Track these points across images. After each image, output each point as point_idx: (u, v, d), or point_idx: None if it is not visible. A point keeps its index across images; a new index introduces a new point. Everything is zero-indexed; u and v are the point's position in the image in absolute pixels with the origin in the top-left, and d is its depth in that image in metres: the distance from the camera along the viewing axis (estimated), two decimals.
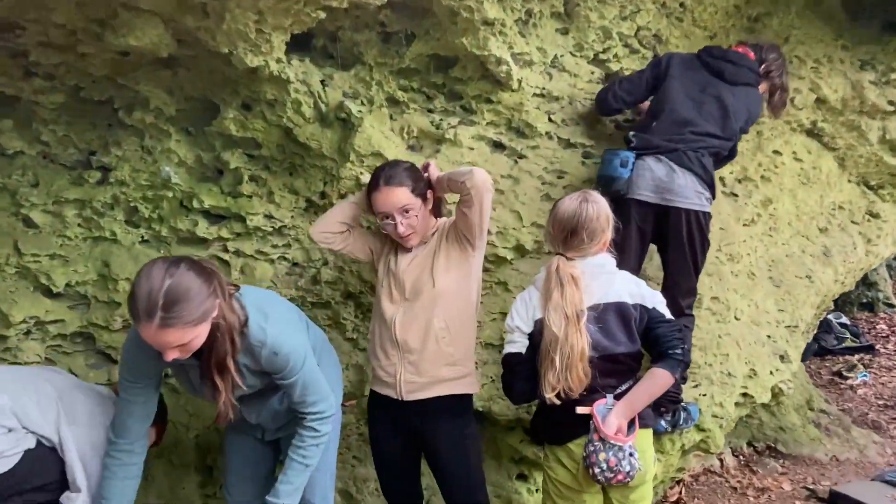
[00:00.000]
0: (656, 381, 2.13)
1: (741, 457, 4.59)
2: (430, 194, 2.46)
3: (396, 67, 2.96)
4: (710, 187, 2.86)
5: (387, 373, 2.39)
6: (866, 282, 7.95)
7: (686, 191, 2.79)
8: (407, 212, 2.36)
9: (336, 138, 2.89)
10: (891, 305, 7.88)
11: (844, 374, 6.20)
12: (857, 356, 6.60)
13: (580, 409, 2.14)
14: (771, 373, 3.38)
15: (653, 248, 3.03)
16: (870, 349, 6.74)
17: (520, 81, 3.04)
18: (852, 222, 4.12)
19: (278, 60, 2.64)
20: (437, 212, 2.65)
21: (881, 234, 4.19)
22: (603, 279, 2.24)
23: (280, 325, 2.04)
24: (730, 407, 3.23)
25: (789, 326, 3.67)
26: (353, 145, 2.83)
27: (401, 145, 2.99)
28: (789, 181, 3.89)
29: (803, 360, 6.43)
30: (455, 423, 2.39)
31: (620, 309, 2.20)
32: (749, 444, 4.73)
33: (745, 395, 3.31)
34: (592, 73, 3.29)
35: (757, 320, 3.49)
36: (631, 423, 2.12)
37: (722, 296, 3.35)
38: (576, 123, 3.21)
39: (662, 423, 2.91)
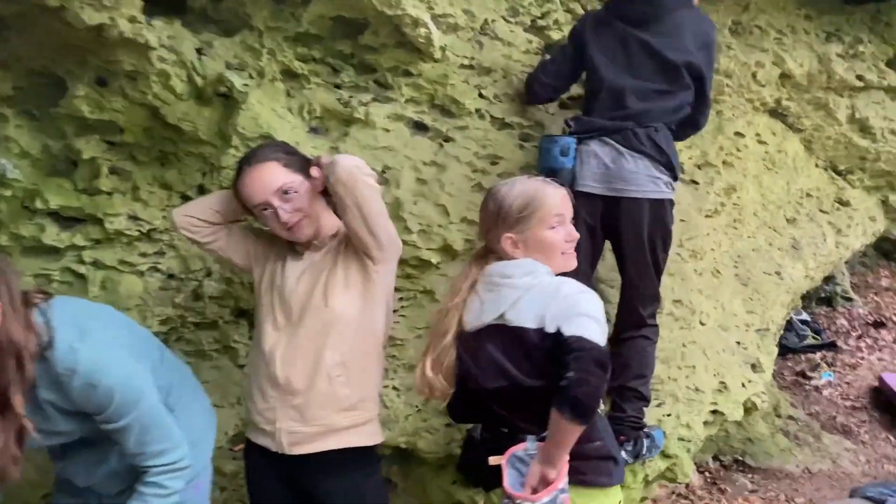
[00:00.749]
0: (554, 427, 1.54)
1: (707, 473, 4.17)
2: (317, 172, 1.86)
3: (293, 33, 2.43)
4: (670, 169, 2.39)
5: (264, 419, 1.83)
6: (825, 275, 7.68)
7: (637, 177, 2.33)
8: (286, 192, 1.80)
9: (216, 118, 2.34)
10: (849, 299, 7.62)
11: (808, 374, 5.87)
12: (819, 354, 6.28)
13: (492, 460, 1.64)
14: (743, 385, 2.94)
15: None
16: (832, 346, 6.43)
17: (443, 50, 2.55)
18: (821, 211, 3.74)
19: (132, 20, 2.07)
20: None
21: (851, 223, 3.82)
22: (503, 293, 1.72)
23: (101, 348, 1.48)
24: (698, 427, 2.78)
25: (760, 330, 3.24)
26: (236, 126, 2.28)
27: (299, 126, 2.45)
28: (753, 166, 3.48)
29: None
30: (353, 478, 1.84)
31: (515, 333, 1.68)
32: (715, 457, 4.32)
33: (714, 412, 2.86)
34: (530, 42, 2.81)
35: (725, 324, 3.05)
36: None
37: (685, 298, 2.90)
38: (511, 100, 2.72)
39: (622, 453, 2.43)
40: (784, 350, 6.41)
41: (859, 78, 3.60)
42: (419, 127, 2.58)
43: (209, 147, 2.32)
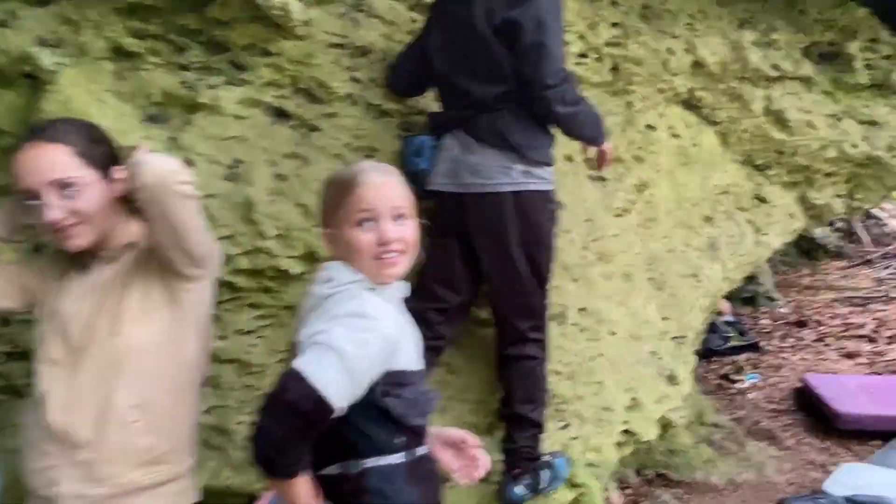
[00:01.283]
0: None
1: (629, 490, 3.91)
2: (118, 173, 1.46)
3: (123, 3, 2.04)
4: (526, 159, 2.04)
5: (42, 481, 1.41)
6: (748, 275, 7.63)
7: (486, 169, 2.02)
8: (67, 187, 1.39)
9: (20, 104, 1.93)
10: (772, 299, 7.58)
11: (732, 377, 5.72)
12: (743, 356, 6.16)
13: None
14: (657, 400, 2.67)
15: None
16: (755, 347, 6.33)
17: (307, 25, 2.20)
18: (739, 209, 3.53)
19: None
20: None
21: (770, 221, 3.63)
22: (306, 302, 1.42)
23: None
24: (609, 451, 2.49)
25: (676, 338, 2.99)
26: (41, 112, 1.87)
27: (130, 114, 2.05)
28: (666, 161, 3.24)
29: None
30: None
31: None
32: (638, 472, 4.06)
33: (626, 431, 2.57)
34: (414, 21, 2.47)
35: (637, 333, 2.78)
36: None
37: (592, 306, 2.60)
38: None
39: (516, 490, 2.11)
40: (708, 353, 6.28)
41: (774, 67, 3.41)
42: (279, 114, 2.21)
43: (8, 138, 1.90)
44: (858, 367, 5.81)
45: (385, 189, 1.36)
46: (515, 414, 2.09)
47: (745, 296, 7.61)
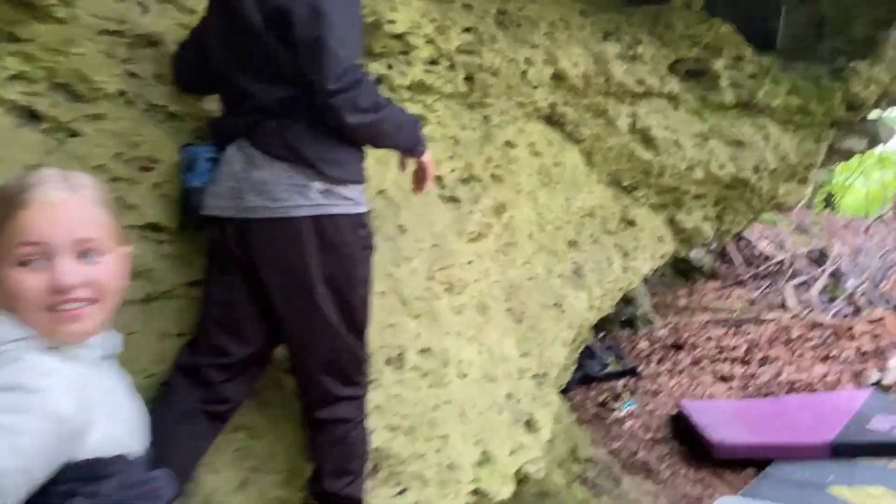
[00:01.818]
0: None
1: None
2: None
3: None
4: (326, 176, 1.64)
5: None
6: (626, 298, 7.59)
7: (276, 188, 1.60)
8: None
9: None
10: (650, 321, 7.57)
11: (610, 404, 5.56)
12: (622, 382, 6.03)
13: None
14: (513, 452, 2.34)
15: None
16: (634, 372, 6.22)
17: (69, 5, 1.75)
18: (606, 232, 3.31)
19: None
20: None
21: (639, 245, 3.43)
22: None
23: None
24: None
25: (537, 376, 2.68)
26: None
27: None
28: (528, 181, 2.96)
29: (564, 392, 5.72)
30: None
31: None
32: None
33: (476, 491, 2.21)
34: None
35: (492, 373, 2.45)
36: None
37: (437, 345, 2.25)
38: None
39: None
40: (587, 379, 6.12)
41: (640, 82, 3.23)
42: (28, 115, 1.73)
43: None
44: (732, 391, 5.79)
45: (62, 212, 0.95)
46: (326, 492, 1.69)
47: (623, 319, 7.57)
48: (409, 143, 1.81)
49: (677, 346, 6.79)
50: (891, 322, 6.50)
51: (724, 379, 5.96)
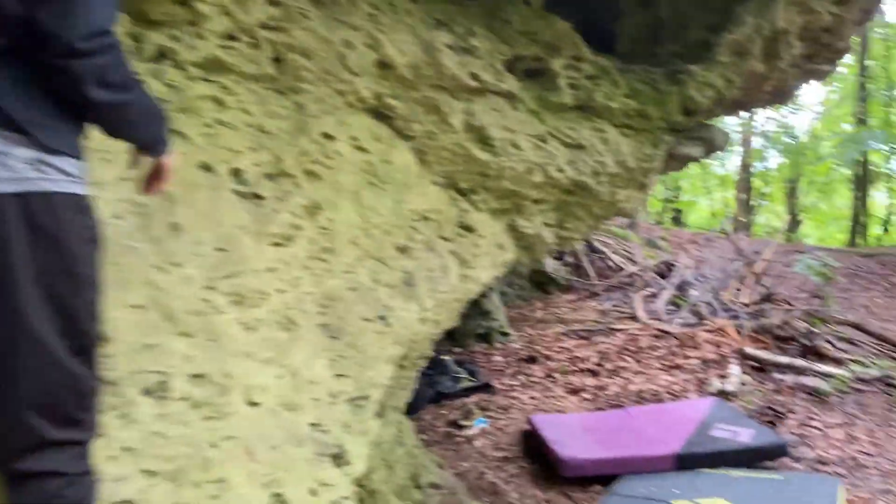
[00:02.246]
0: None
1: None
2: None
3: None
4: (38, 143, 1.24)
5: None
6: (481, 311, 7.44)
7: None
8: None
9: None
10: (505, 334, 7.45)
11: (460, 422, 5.31)
12: (474, 398, 5.81)
13: None
14: (314, 491, 1.97)
15: None
16: (487, 387, 6.03)
17: None
18: (441, 238, 3.03)
19: None
20: None
21: (478, 252, 3.19)
22: None
23: None
24: None
25: (354, 399, 2.34)
26: None
27: None
28: (351, 180, 2.63)
29: (414, 412, 5.42)
30: None
31: None
32: None
33: None
34: None
35: (293, 401, 2.07)
36: None
37: (216, 369, 1.85)
38: None
39: None
40: (439, 396, 5.87)
41: (474, 77, 2.99)
42: None
43: None
44: (583, 403, 5.72)
45: None
46: None
47: (479, 332, 7.41)
48: (152, 138, 1.45)
49: (531, 359, 6.69)
50: (731, 330, 6.72)
51: (575, 391, 5.89)
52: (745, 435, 4.47)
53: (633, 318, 7.86)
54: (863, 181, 22.01)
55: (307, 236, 2.42)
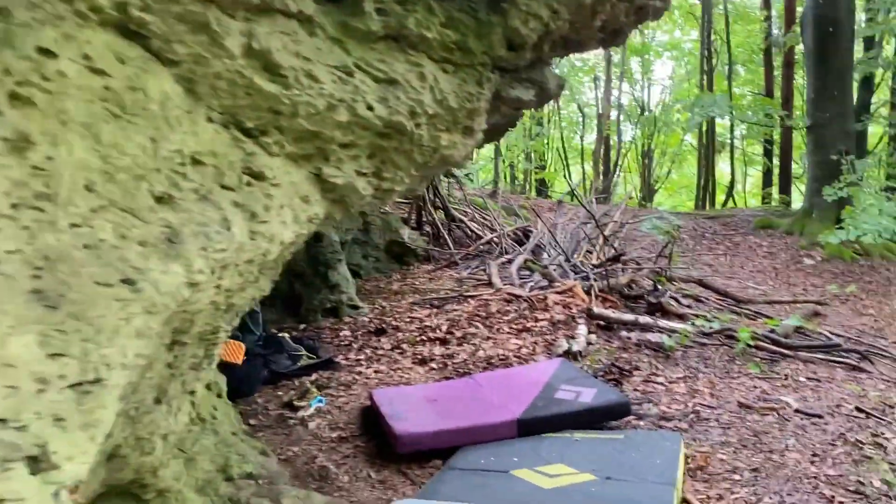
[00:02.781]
0: None
1: None
2: None
3: None
4: None
5: None
6: (329, 285, 6.96)
7: None
8: None
9: None
10: (355, 307, 7.02)
11: (295, 403, 4.85)
12: (315, 376, 5.35)
13: None
14: None
15: None
16: (330, 363, 5.59)
17: None
18: (221, 186, 2.53)
19: None
20: None
21: (271, 205, 2.71)
22: None
23: None
24: None
25: (77, 385, 1.82)
26: None
27: None
28: (82, 109, 2.07)
29: (247, 395, 4.91)
30: None
31: None
32: None
33: None
34: None
35: None
36: None
37: None
38: None
39: None
40: (276, 377, 5.37)
41: None
42: None
43: None
44: (431, 374, 5.40)
45: None
46: None
47: (327, 307, 6.93)
48: None
49: (380, 331, 6.31)
50: (579, 291, 6.62)
51: (423, 362, 5.57)
52: (588, 395, 4.30)
53: (489, 284, 7.65)
54: (709, 151, 23.29)
55: (14, 180, 1.85)
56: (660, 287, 6.67)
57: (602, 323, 6.01)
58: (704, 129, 22.97)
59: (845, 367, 5.73)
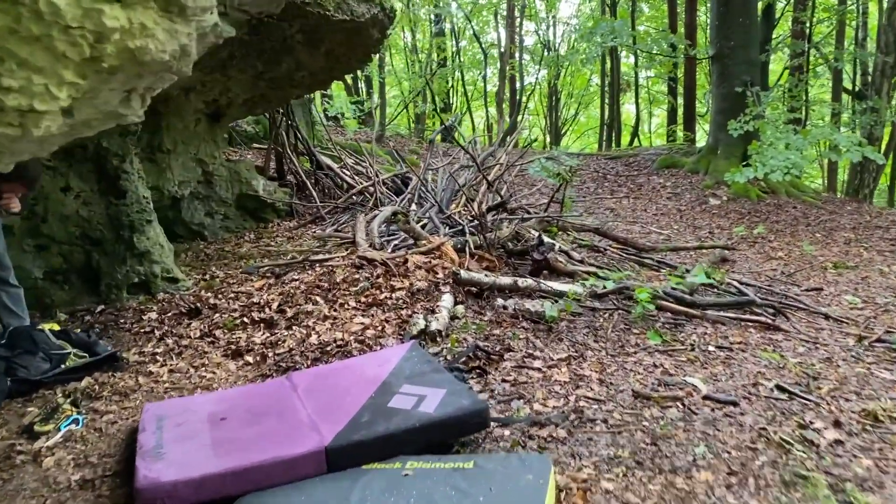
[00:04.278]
0: None
1: None
2: None
3: None
4: None
5: None
6: (136, 253, 5.47)
7: None
8: None
9: None
10: (173, 280, 5.59)
11: (37, 429, 3.46)
12: (84, 381, 3.95)
13: None
14: None
15: None
16: (110, 361, 4.19)
17: None
18: None
19: None
20: None
21: None
22: None
23: None
24: None
25: None
26: None
27: None
28: None
29: None
30: None
31: None
32: None
33: None
34: None
35: None
36: None
37: None
38: None
39: None
40: (27, 387, 3.94)
41: None
42: None
43: None
44: (244, 371, 4.10)
45: None
46: None
47: (134, 281, 5.48)
48: None
49: (193, 312, 4.93)
50: (449, 249, 5.42)
51: (237, 354, 4.25)
52: (433, 400, 3.11)
53: (354, 242, 6.35)
54: (613, 90, 22.48)
55: None
56: (546, 240, 5.54)
57: (473, 289, 4.84)
58: (609, 67, 22.13)
59: (759, 326, 4.80)
